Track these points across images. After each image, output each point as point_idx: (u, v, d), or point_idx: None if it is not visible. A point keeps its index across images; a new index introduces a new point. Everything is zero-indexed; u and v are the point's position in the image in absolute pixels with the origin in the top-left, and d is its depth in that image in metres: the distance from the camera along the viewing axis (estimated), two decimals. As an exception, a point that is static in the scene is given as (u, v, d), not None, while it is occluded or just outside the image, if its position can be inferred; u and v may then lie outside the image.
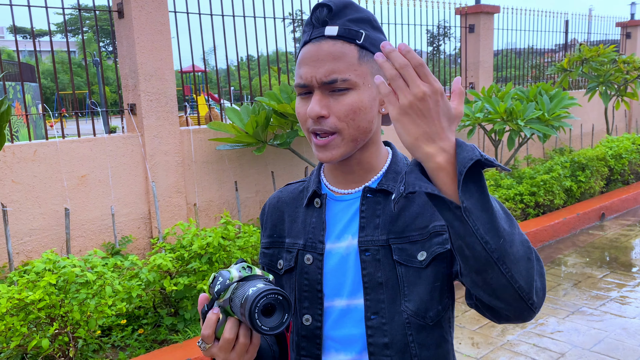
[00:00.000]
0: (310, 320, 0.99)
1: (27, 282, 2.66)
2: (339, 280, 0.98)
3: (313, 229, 1.01)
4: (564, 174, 5.92)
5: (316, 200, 1.03)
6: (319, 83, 0.91)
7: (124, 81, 4.38)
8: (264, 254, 1.09)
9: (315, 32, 0.93)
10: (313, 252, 1.00)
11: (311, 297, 0.99)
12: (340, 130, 0.93)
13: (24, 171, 3.79)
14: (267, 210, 1.12)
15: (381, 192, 0.99)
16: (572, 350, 3.20)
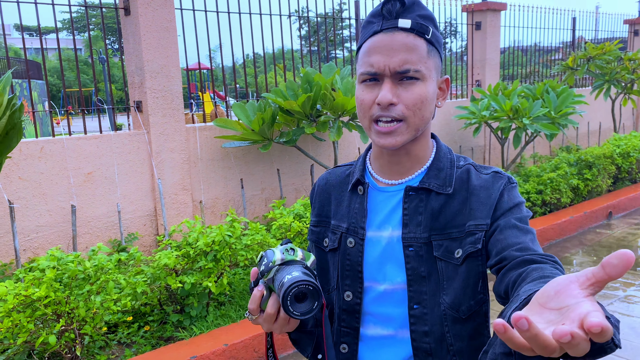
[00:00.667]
0: (351, 296, 1.08)
1: (33, 278, 2.67)
2: (379, 267, 1.05)
3: (355, 214, 1.08)
4: (570, 172, 5.88)
5: (359, 187, 1.10)
6: (392, 72, 0.96)
7: (130, 78, 4.38)
8: (312, 231, 1.17)
9: (387, 23, 0.97)
10: (355, 236, 1.07)
11: (352, 276, 1.07)
12: (407, 118, 0.98)
13: (31, 168, 3.80)
14: (316, 191, 1.19)
15: (423, 190, 1.04)
16: (579, 349, 3.18)
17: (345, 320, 1.10)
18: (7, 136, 2.66)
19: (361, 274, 1.07)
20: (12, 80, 2.72)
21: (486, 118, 5.99)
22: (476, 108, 6.11)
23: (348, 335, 1.10)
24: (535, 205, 5.53)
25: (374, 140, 1.01)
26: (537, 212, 5.56)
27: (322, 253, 1.14)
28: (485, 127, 7.08)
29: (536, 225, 5.16)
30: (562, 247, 5.12)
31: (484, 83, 7.32)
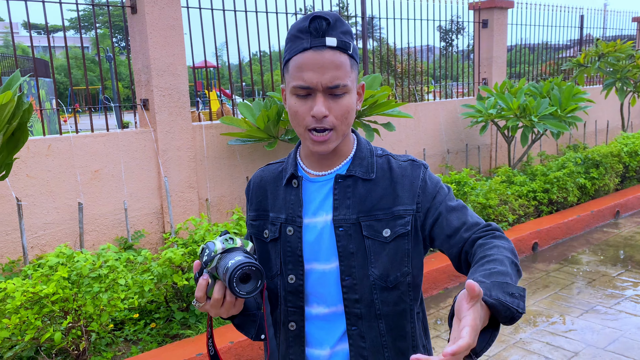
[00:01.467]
0: (294, 279, 1.19)
1: (41, 275, 2.69)
2: (316, 249, 1.19)
3: (292, 206, 1.21)
4: (577, 170, 5.85)
5: (294, 181, 1.22)
6: (324, 87, 1.07)
7: (136, 76, 4.39)
8: (252, 225, 1.28)
9: (315, 41, 1.07)
10: (293, 224, 1.19)
11: (294, 261, 1.19)
12: (337, 127, 1.11)
13: (39, 166, 3.82)
14: (251, 188, 1.30)
15: (350, 177, 1.19)
16: (586, 349, 3.16)
17: (291, 300, 1.21)
18: (14, 137, 2.68)
19: (301, 258, 1.19)
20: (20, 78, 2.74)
21: (493, 116, 5.96)
22: (483, 106, 6.09)
23: (295, 314, 1.21)
24: (542, 204, 5.51)
25: (309, 147, 1.15)
26: (544, 211, 5.54)
27: (263, 244, 1.25)
28: (491, 126, 7.05)
29: (542, 224, 5.14)
30: (569, 246, 5.10)
31: (490, 81, 7.29)
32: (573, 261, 4.69)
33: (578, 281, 4.23)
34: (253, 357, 3.05)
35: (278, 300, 1.23)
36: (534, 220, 5.29)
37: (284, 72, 1.15)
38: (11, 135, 2.57)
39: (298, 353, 1.22)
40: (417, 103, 6.51)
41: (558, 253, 4.91)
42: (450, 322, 0.88)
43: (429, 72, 7.13)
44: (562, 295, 3.97)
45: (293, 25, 1.12)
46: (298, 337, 1.22)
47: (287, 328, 1.22)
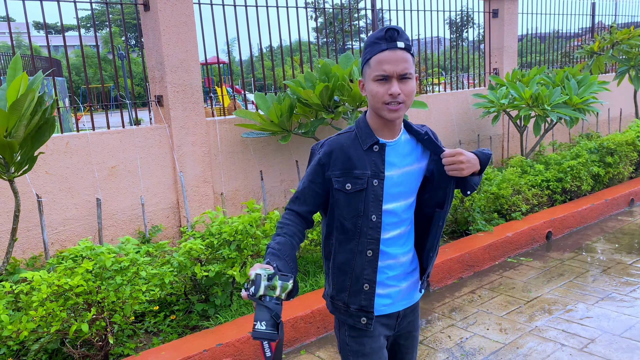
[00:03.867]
0: (375, 218, 1.62)
1: (65, 269, 2.75)
2: (392, 193, 1.64)
3: (375, 164, 1.62)
4: (591, 159, 5.82)
5: (375, 146, 1.63)
6: (398, 75, 1.53)
7: (150, 73, 4.45)
8: (337, 181, 1.62)
9: (390, 44, 1.53)
10: (378, 178, 1.61)
11: (376, 204, 1.62)
12: (405, 102, 1.56)
13: (57, 163, 3.90)
14: (334, 153, 1.64)
15: (415, 142, 1.71)
16: (602, 335, 3.18)
17: (370, 234, 1.62)
18: (40, 130, 2.74)
19: (381, 202, 1.62)
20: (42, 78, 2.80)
21: (505, 106, 5.95)
22: (494, 96, 6.07)
23: (372, 244, 1.63)
24: (556, 193, 5.50)
25: (385, 116, 1.58)
26: (558, 200, 5.52)
27: (345, 194, 1.62)
28: (503, 116, 7.03)
29: (556, 213, 5.13)
30: (583, 234, 5.09)
31: (501, 71, 7.26)
32: (587, 249, 4.68)
33: (593, 269, 4.23)
34: (271, 346, 3.10)
35: (355, 235, 1.62)
36: (547, 210, 5.28)
37: (364, 67, 1.59)
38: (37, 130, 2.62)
39: (371, 273, 1.64)
40: (428, 94, 6.51)
41: (572, 242, 4.90)
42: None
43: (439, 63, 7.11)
44: (577, 283, 3.98)
45: (371, 35, 1.58)
46: (373, 261, 1.63)
47: (365, 255, 1.63)
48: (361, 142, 1.63)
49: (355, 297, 1.65)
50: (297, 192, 1.68)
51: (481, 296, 3.85)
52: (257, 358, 3.06)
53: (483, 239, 4.49)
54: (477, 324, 3.43)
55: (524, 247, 4.72)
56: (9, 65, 2.73)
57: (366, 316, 1.66)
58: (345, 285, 1.66)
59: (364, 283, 1.64)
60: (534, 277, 4.13)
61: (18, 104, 2.47)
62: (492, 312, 3.57)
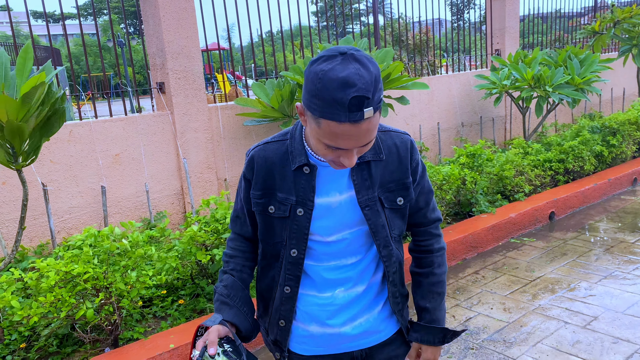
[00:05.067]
0: (296, 253, 1.36)
1: (72, 256, 2.78)
2: (329, 224, 1.35)
3: (303, 189, 1.32)
4: (593, 139, 5.81)
5: (305, 168, 1.32)
6: (358, 147, 1.16)
7: (151, 60, 4.44)
8: (257, 203, 1.37)
9: (353, 116, 1.07)
10: (304, 207, 1.32)
11: (299, 237, 1.35)
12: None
13: (61, 151, 3.92)
14: (256, 167, 1.36)
15: (365, 163, 1.33)
16: (605, 313, 3.21)
17: (290, 270, 1.39)
18: (49, 121, 2.75)
19: (306, 236, 1.35)
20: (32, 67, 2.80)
21: (507, 87, 5.93)
22: (496, 78, 6.05)
23: (290, 281, 1.39)
24: (558, 173, 5.50)
25: (330, 164, 1.22)
26: (560, 180, 5.53)
27: (268, 217, 1.37)
28: (505, 97, 7.00)
29: (559, 193, 5.15)
30: (586, 214, 5.10)
31: (503, 52, 7.22)
32: (590, 229, 4.70)
33: (596, 248, 4.25)
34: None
35: (276, 265, 1.40)
36: (550, 190, 5.29)
37: (310, 110, 1.11)
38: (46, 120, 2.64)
39: (288, 310, 1.41)
40: (430, 77, 6.49)
41: (575, 221, 4.92)
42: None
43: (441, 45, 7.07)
44: (580, 262, 4.00)
45: (326, 87, 1.06)
46: (291, 299, 1.40)
47: (282, 290, 1.40)
48: (291, 159, 1.32)
49: (272, 329, 1.45)
50: (235, 210, 1.47)
51: (485, 276, 3.88)
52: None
53: (486, 220, 4.51)
54: (481, 303, 3.46)
55: (527, 227, 4.74)
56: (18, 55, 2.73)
57: (280, 353, 1.47)
58: (267, 310, 1.46)
59: (280, 319, 1.42)
60: (537, 257, 4.16)
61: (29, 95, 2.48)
62: (496, 292, 3.61)
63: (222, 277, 1.43)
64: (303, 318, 1.42)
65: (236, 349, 1.28)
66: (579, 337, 2.97)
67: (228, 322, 1.34)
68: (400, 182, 1.36)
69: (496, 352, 2.88)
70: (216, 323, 1.31)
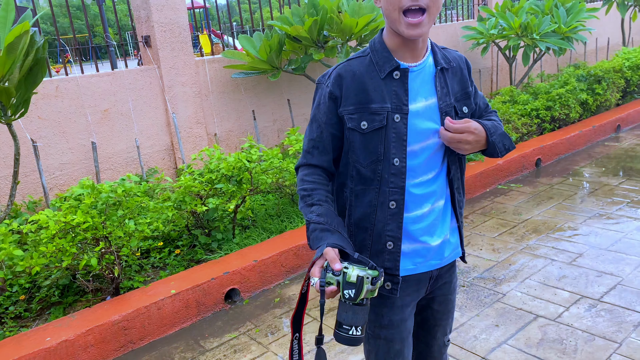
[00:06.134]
0: (398, 161, 1.34)
1: (70, 207, 2.81)
2: (419, 130, 1.36)
3: (397, 95, 1.33)
4: (579, 87, 5.88)
5: (395, 73, 1.33)
6: None
7: (135, 13, 4.35)
8: (351, 118, 1.35)
9: None
10: (400, 112, 1.33)
11: (398, 145, 1.34)
12: (429, 8, 1.24)
13: (49, 107, 3.87)
14: (345, 83, 1.35)
15: (441, 70, 1.39)
16: (590, 250, 3.34)
17: (394, 182, 1.35)
18: (31, 72, 2.72)
19: (405, 142, 1.34)
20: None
21: (495, 37, 5.93)
22: (484, 27, 6.03)
23: (396, 194, 1.36)
24: (545, 121, 5.58)
25: (404, 32, 1.26)
26: (547, 128, 5.61)
27: (360, 135, 1.35)
28: (492, 48, 7.00)
29: (545, 140, 5.23)
30: (572, 160, 5.21)
31: (490, 2, 7.17)
32: (576, 174, 4.82)
33: (581, 192, 4.37)
34: (275, 273, 3.23)
35: (374, 184, 1.36)
36: (536, 138, 5.38)
37: None
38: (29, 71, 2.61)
39: (396, 229, 1.37)
40: (417, 28, 6.44)
41: (561, 168, 5.03)
42: None
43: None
44: (565, 205, 4.12)
45: None
46: (397, 215, 1.36)
47: (387, 207, 1.36)
48: (378, 68, 1.33)
49: (378, 258, 1.39)
50: (312, 140, 1.40)
51: (474, 220, 3.99)
52: (263, 283, 3.19)
53: (474, 167, 4.59)
54: (471, 245, 3.57)
55: (514, 174, 4.84)
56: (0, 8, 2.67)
57: (391, 280, 1.40)
58: (365, 244, 1.40)
59: (387, 241, 1.37)
60: (524, 202, 4.27)
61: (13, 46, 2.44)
62: (485, 234, 3.72)
63: (310, 210, 1.33)
64: (409, 233, 1.40)
65: (358, 261, 1.21)
66: (565, 272, 3.10)
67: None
68: (464, 92, 1.43)
69: (486, 289, 2.99)
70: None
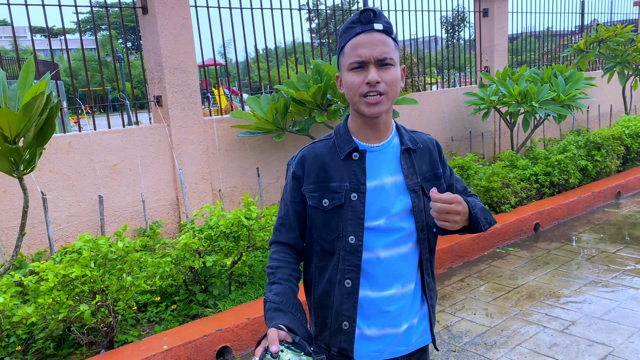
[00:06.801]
0: (354, 239, 1.38)
1: (70, 260, 2.90)
2: (380, 207, 1.39)
3: (355, 174, 1.39)
4: (579, 153, 5.99)
5: (354, 154, 1.40)
6: (375, 60, 1.31)
7: (149, 74, 4.60)
8: (312, 197, 1.42)
9: (365, 27, 1.32)
10: (357, 191, 1.38)
11: (355, 223, 1.38)
12: (387, 92, 1.33)
13: (60, 161, 4.05)
14: (307, 164, 1.44)
15: (406, 150, 1.45)
16: (583, 318, 3.34)
17: (349, 260, 1.39)
18: (42, 130, 2.90)
19: (362, 220, 1.38)
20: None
21: (495, 103, 6.11)
22: (484, 94, 6.24)
23: (351, 272, 1.39)
24: (544, 186, 5.66)
25: (363, 111, 1.35)
26: (546, 193, 5.68)
27: (322, 212, 1.41)
28: (494, 113, 7.19)
29: (544, 205, 5.30)
30: (571, 225, 5.25)
31: (492, 69, 7.43)
32: (574, 240, 4.85)
33: (578, 258, 4.39)
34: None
35: (334, 261, 1.39)
36: (535, 202, 5.45)
37: (339, 57, 1.38)
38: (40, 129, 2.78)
39: (351, 309, 1.39)
40: (421, 92, 6.67)
41: (560, 233, 5.07)
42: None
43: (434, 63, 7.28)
44: (561, 271, 4.14)
45: (346, 21, 1.37)
46: (352, 294, 1.38)
47: (342, 286, 1.39)
48: (339, 150, 1.41)
49: (336, 338, 1.40)
50: (280, 218, 1.48)
51: (470, 284, 4.01)
52: (255, 342, 3.21)
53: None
54: (465, 309, 3.59)
55: (512, 238, 4.88)
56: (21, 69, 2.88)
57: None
58: (326, 322, 1.42)
59: (343, 321, 1.39)
60: (520, 266, 4.29)
61: (30, 105, 2.62)
62: (480, 299, 3.73)
63: (270, 288, 1.37)
64: (363, 320, 1.40)
65: (297, 344, 1.21)
66: (557, 340, 3.09)
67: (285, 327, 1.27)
68: (433, 172, 1.46)
69: (477, 354, 3.00)
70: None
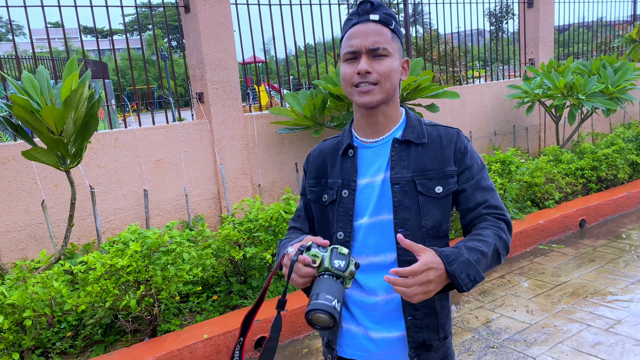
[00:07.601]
0: (342, 235, 1.36)
1: (117, 250, 3.03)
2: (368, 206, 1.35)
3: (348, 171, 1.38)
4: (628, 147, 5.76)
5: (349, 150, 1.39)
6: (367, 50, 1.27)
7: (191, 72, 4.72)
8: (311, 191, 1.45)
9: (362, 18, 1.30)
10: (348, 188, 1.37)
11: (344, 219, 1.36)
12: (380, 82, 1.28)
13: (107, 157, 4.21)
14: (311, 159, 1.48)
15: (405, 142, 1.35)
16: (629, 317, 3.23)
17: None
18: (87, 125, 3.03)
19: (351, 217, 1.35)
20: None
21: (539, 96, 5.95)
22: (529, 87, 6.08)
23: None
24: (590, 181, 5.48)
25: (356, 101, 1.30)
26: (593, 189, 5.50)
27: (322, 207, 1.42)
28: (539, 106, 7.00)
29: (590, 201, 5.13)
30: (619, 222, 5.07)
31: (537, 61, 7.22)
32: (622, 237, 4.68)
33: (626, 255, 4.24)
34: (305, 324, 3.31)
35: None
36: (581, 198, 5.28)
37: (340, 45, 1.35)
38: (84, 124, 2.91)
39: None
40: (462, 86, 6.57)
41: (607, 229, 4.90)
42: None
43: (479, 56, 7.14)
44: (607, 268, 4.00)
45: (347, 14, 1.35)
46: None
47: None
48: (340, 146, 1.42)
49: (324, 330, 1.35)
50: (297, 209, 1.53)
51: (510, 281, 3.94)
52: (293, 333, 3.26)
53: (515, 226, 4.55)
54: (505, 306, 3.53)
55: (556, 234, 4.75)
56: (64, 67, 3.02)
57: (330, 354, 1.41)
58: None
59: None
60: (564, 263, 4.18)
61: (70, 99, 2.75)
62: (520, 295, 3.66)
63: (282, 244, 1.40)
64: (348, 316, 1.38)
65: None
66: (601, 339, 3.01)
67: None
68: (440, 171, 1.32)
69: (516, 351, 2.95)
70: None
